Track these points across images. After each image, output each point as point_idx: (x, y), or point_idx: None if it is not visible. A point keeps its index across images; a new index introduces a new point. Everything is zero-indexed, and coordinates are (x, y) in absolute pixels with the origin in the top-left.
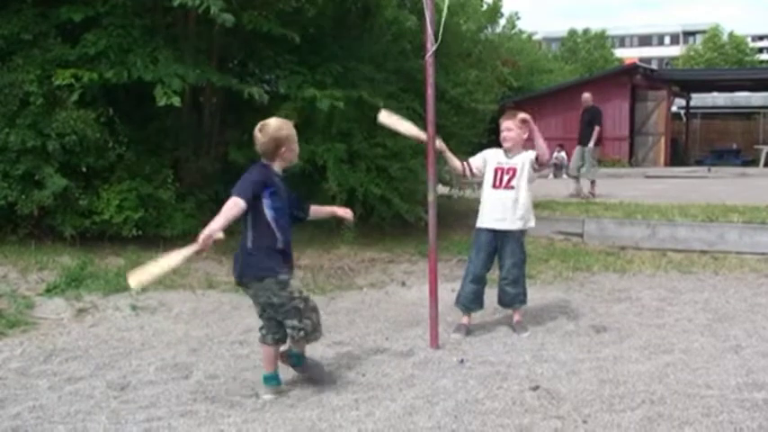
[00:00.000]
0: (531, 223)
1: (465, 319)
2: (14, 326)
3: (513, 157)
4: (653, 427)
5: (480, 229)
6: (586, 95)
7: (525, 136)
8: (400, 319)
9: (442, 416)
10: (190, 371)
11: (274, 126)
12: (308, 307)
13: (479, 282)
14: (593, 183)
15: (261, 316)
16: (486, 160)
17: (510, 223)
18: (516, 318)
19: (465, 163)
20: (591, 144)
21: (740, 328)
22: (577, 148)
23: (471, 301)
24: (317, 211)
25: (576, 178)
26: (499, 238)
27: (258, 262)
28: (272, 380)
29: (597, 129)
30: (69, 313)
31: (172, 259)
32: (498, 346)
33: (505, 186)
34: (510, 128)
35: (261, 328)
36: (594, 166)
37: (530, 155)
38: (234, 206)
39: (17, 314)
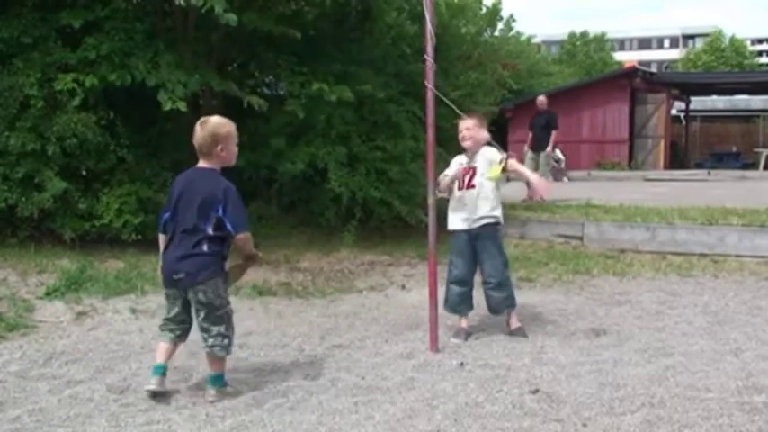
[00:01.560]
0: (500, 220)
1: (463, 323)
2: (14, 329)
3: (474, 156)
4: (653, 431)
5: (453, 232)
6: (542, 98)
7: (484, 135)
8: (400, 322)
9: (441, 419)
10: (189, 374)
11: (215, 122)
12: (232, 317)
13: (464, 284)
14: None
15: (179, 320)
16: (454, 167)
17: (476, 222)
18: (513, 324)
19: (447, 179)
20: (549, 148)
21: (740, 331)
22: (530, 154)
23: (458, 303)
24: None
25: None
26: (474, 240)
27: (213, 263)
28: (159, 369)
29: (554, 133)
30: (69, 316)
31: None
32: (498, 349)
33: (467, 186)
34: (469, 127)
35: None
36: (548, 171)
37: (493, 154)
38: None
39: (17, 317)
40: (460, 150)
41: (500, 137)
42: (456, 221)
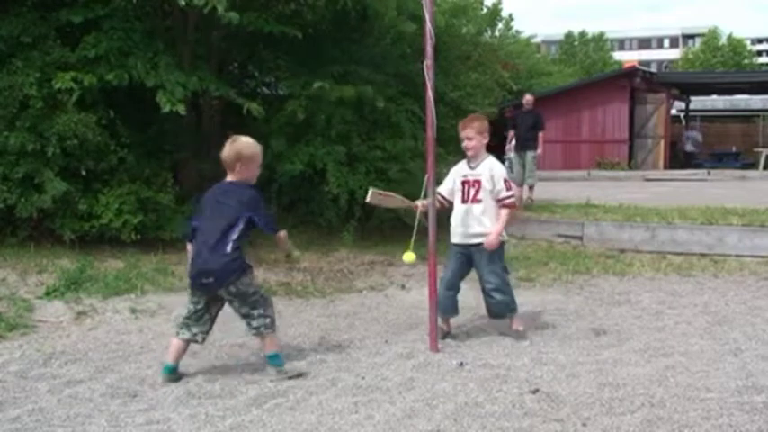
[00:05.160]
0: (504, 235)
1: (444, 325)
2: (14, 329)
3: (477, 167)
4: (653, 431)
5: (452, 243)
6: (529, 97)
7: (486, 141)
8: (400, 322)
9: (441, 419)
10: (189, 373)
11: (243, 142)
12: (269, 298)
13: (450, 288)
14: (531, 188)
15: (204, 316)
16: (454, 178)
17: (479, 238)
18: (515, 326)
19: (439, 197)
20: (539, 150)
21: (740, 330)
22: (516, 156)
23: (445, 306)
24: None
25: (521, 185)
26: (473, 251)
27: (238, 263)
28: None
29: (541, 135)
30: (69, 316)
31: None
32: (498, 349)
33: (473, 200)
34: (470, 137)
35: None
36: (535, 172)
37: (496, 168)
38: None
39: (16, 317)
40: (460, 150)
41: (500, 137)
42: (457, 235)
